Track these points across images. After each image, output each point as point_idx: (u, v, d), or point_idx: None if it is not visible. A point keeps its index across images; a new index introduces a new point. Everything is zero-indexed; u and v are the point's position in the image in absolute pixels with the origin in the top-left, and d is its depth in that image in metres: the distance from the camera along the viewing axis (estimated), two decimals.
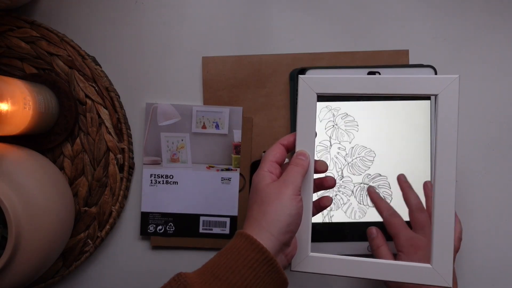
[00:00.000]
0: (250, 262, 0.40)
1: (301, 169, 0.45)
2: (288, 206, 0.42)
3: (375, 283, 0.62)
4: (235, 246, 0.41)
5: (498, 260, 0.62)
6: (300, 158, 0.45)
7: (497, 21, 0.62)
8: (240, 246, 0.41)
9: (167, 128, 0.62)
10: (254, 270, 0.40)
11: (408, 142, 0.58)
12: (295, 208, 0.42)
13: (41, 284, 0.61)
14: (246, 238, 0.41)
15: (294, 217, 0.42)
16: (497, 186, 0.62)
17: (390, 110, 0.58)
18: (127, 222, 0.63)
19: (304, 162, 0.45)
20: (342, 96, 0.52)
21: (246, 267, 0.40)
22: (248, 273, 0.40)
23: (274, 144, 0.47)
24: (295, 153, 0.47)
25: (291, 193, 0.43)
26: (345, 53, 0.62)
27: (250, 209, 0.44)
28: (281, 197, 0.42)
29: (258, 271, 0.40)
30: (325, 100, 0.55)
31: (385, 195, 0.57)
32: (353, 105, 0.58)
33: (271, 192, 0.43)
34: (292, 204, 0.42)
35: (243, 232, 0.42)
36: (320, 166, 0.48)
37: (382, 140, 0.58)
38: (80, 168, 0.62)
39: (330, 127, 0.55)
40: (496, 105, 0.62)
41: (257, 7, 0.63)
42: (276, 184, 0.44)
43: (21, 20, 0.61)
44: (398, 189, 0.57)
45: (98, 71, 0.61)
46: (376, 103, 0.57)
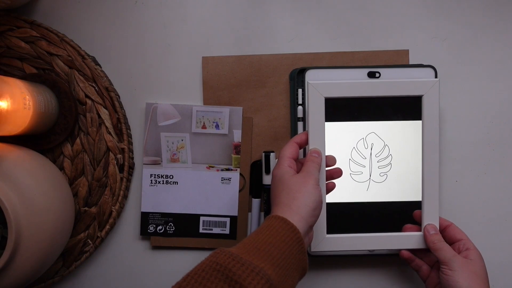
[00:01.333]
0: (286, 239, 0.44)
1: (316, 164, 0.52)
2: (313, 193, 0.48)
3: (378, 284, 0.62)
4: (271, 225, 0.45)
5: (498, 260, 0.62)
6: (314, 156, 0.53)
7: (497, 21, 0.62)
8: (276, 225, 0.45)
9: (167, 128, 0.62)
10: (290, 247, 0.44)
11: (413, 146, 0.59)
12: (318, 196, 0.49)
13: (41, 284, 0.61)
14: (281, 219, 0.46)
15: (318, 203, 0.49)
16: (497, 186, 0.62)
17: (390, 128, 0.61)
18: (127, 222, 0.63)
19: (318, 159, 0.52)
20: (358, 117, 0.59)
21: (283, 242, 0.44)
22: (285, 248, 0.44)
23: (289, 143, 0.53)
24: (310, 151, 0.54)
25: (313, 183, 0.49)
26: (345, 53, 0.62)
27: (278, 196, 0.49)
28: (307, 186, 0.49)
29: (292, 247, 0.44)
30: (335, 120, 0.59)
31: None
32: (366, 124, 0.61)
33: (298, 182, 0.49)
34: (315, 192, 0.49)
35: (276, 215, 0.46)
36: (331, 160, 0.56)
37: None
38: (80, 168, 0.62)
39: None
40: (496, 105, 0.62)
41: (257, 7, 0.63)
42: (301, 175, 0.50)
43: (21, 20, 0.61)
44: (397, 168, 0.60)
45: (98, 71, 0.61)
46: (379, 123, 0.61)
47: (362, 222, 0.60)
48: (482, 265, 0.53)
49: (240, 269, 0.40)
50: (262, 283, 0.39)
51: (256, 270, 0.40)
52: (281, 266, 0.43)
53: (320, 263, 0.63)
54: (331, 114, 0.58)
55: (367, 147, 0.60)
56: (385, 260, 0.62)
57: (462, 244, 0.55)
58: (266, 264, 0.41)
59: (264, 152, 0.61)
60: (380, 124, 0.59)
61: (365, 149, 0.60)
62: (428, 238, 0.56)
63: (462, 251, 0.55)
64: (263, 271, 0.40)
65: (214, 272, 0.40)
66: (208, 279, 0.40)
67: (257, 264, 0.41)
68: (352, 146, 0.59)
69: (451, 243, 0.56)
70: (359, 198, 0.60)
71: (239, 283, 0.39)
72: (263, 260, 0.42)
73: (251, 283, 0.39)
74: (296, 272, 0.45)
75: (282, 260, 0.43)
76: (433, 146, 0.56)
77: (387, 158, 0.59)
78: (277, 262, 0.42)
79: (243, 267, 0.40)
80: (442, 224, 0.57)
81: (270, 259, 0.42)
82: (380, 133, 0.59)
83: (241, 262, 0.40)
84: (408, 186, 0.59)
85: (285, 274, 0.43)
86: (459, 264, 0.52)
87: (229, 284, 0.39)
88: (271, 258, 0.42)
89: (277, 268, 0.42)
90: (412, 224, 0.58)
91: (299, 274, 0.46)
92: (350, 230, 0.58)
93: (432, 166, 0.56)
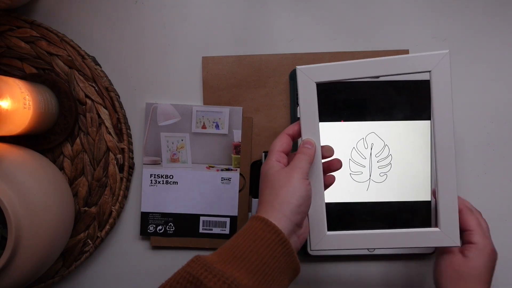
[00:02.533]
0: (267, 242, 0.42)
1: (307, 156, 0.47)
2: (298, 188, 0.45)
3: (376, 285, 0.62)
4: (251, 228, 0.43)
5: (498, 260, 0.61)
6: (306, 147, 0.48)
7: (497, 21, 0.62)
8: (256, 227, 0.43)
9: (167, 128, 0.62)
10: (271, 250, 0.41)
11: (414, 147, 0.59)
12: (304, 190, 0.45)
13: (41, 284, 0.61)
14: (262, 220, 0.43)
15: (304, 199, 0.45)
16: (497, 186, 0.62)
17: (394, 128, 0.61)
18: (127, 222, 0.63)
19: (310, 151, 0.48)
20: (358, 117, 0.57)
21: (263, 246, 0.41)
22: (266, 252, 0.41)
23: (280, 134, 0.49)
24: (302, 142, 0.49)
25: (299, 176, 0.45)
26: (345, 53, 0.62)
27: (262, 194, 0.46)
28: (291, 181, 0.45)
29: (274, 250, 0.42)
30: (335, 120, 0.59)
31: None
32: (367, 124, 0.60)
33: (282, 177, 0.45)
34: (301, 187, 0.45)
35: (258, 215, 0.44)
36: (327, 151, 0.50)
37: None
38: (80, 168, 0.62)
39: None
40: (496, 105, 0.62)
41: (257, 7, 0.63)
42: (286, 170, 0.46)
43: (21, 20, 0.61)
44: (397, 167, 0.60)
45: (98, 71, 0.61)
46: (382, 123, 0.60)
47: (362, 222, 0.60)
48: (480, 266, 0.50)
49: (211, 280, 0.38)
50: None
51: (228, 282, 0.38)
52: (260, 272, 0.41)
53: (319, 263, 0.63)
54: (331, 114, 0.58)
55: (367, 147, 0.59)
56: (385, 259, 0.62)
57: (467, 235, 0.51)
58: (242, 272, 0.40)
59: (264, 152, 0.61)
60: (380, 124, 0.59)
61: (365, 149, 0.59)
62: None
63: (465, 243, 0.51)
64: (236, 281, 0.39)
65: (187, 284, 0.39)
66: None
67: (230, 274, 0.39)
68: (352, 146, 0.59)
69: (461, 231, 0.51)
70: (359, 198, 0.59)
71: None
72: (239, 268, 0.40)
73: None
74: (284, 274, 0.42)
75: (262, 266, 0.41)
76: (447, 132, 0.47)
77: (387, 158, 0.59)
78: (256, 269, 0.40)
79: (215, 278, 0.39)
80: None
81: (247, 266, 0.40)
82: (380, 133, 0.59)
83: (214, 273, 0.39)
84: (409, 186, 0.59)
85: (267, 280, 0.41)
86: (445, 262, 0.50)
87: None
88: (249, 265, 0.40)
89: (256, 275, 0.40)
90: None
91: (289, 276, 0.43)
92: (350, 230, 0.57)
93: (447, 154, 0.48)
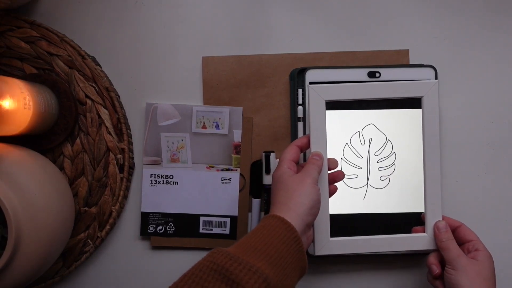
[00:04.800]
0: (283, 238, 0.44)
1: (316, 166, 0.51)
2: (310, 192, 0.48)
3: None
4: (268, 224, 0.45)
5: (498, 260, 0.61)
6: (315, 158, 0.52)
7: (498, 21, 0.62)
8: (273, 224, 0.45)
9: (167, 128, 0.62)
10: (287, 246, 0.44)
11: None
12: (315, 194, 0.49)
13: (41, 284, 0.61)
14: (278, 218, 0.46)
15: (315, 202, 0.48)
16: (497, 186, 0.62)
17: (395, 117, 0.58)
18: (127, 222, 0.63)
19: (319, 162, 0.52)
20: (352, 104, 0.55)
21: (280, 241, 0.44)
22: (282, 247, 0.44)
23: (290, 146, 0.53)
24: (311, 154, 0.53)
25: (311, 182, 0.49)
26: (345, 53, 0.62)
27: (276, 195, 0.49)
28: (304, 185, 0.49)
29: (290, 246, 0.44)
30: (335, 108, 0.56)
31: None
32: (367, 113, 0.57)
33: (295, 181, 0.49)
34: (313, 191, 0.48)
35: (273, 214, 0.46)
36: (332, 163, 0.54)
37: None
38: (80, 168, 0.62)
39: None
40: (496, 105, 0.62)
41: (257, 7, 0.63)
42: (299, 175, 0.50)
43: (21, 20, 0.61)
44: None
45: (98, 71, 0.61)
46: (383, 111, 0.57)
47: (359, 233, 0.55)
48: (489, 267, 0.53)
49: (237, 268, 0.40)
50: (260, 282, 0.40)
51: (254, 269, 0.40)
52: (279, 265, 0.43)
53: (323, 262, 0.62)
54: None
55: (364, 143, 0.53)
56: (388, 260, 0.62)
57: (472, 245, 0.55)
58: (263, 263, 0.42)
59: (264, 152, 0.61)
60: (381, 113, 0.52)
61: (362, 146, 0.53)
62: (438, 236, 0.55)
63: (472, 251, 0.54)
64: (261, 270, 0.40)
65: (211, 272, 0.40)
66: (205, 279, 0.40)
67: (254, 263, 0.41)
68: (345, 142, 0.54)
69: (461, 243, 0.56)
70: (353, 209, 0.53)
71: (236, 283, 0.39)
72: (260, 260, 0.42)
73: (249, 282, 0.39)
74: (295, 271, 0.45)
75: (280, 259, 0.43)
76: (434, 147, 0.55)
77: (390, 158, 0.53)
78: (275, 262, 0.43)
79: (240, 266, 0.40)
80: (452, 224, 0.56)
81: (267, 258, 0.42)
82: (381, 124, 0.52)
83: (238, 261, 0.41)
84: (416, 193, 0.53)
85: (283, 273, 0.43)
86: (463, 264, 0.52)
87: (227, 284, 0.39)
88: (269, 258, 0.42)
89: (275, 267, 0.42)
90: (420, 226, 0.56)
91: (298, 274, 0.46)
92: None
93: (434, 167, 0.55)
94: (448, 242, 0.54)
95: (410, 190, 0.53)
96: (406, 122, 0.53)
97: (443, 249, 0.54)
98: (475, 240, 0.55)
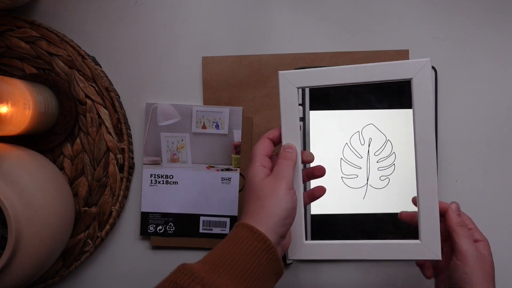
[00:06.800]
0: (253, 250, 0.41)
1: (290, 162, 0.46)
2: (284, 200, 0.44)
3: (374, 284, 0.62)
4: (237, 236, 0.42)
5: (497, 260, 0.61)
6: (288, 151, 0.47)
7: (498, 21, 0.62)
8: (242, 235, 0.42)
9: (167, 128, 0.62)
10: (257, 258, 0.41)
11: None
12: (290, 202, 0.44)
13: (41, 284, 0.61)
14: (248, 228, 0.42)
15: (290, 211, 0.44)
16: (496, 186, 0.62)
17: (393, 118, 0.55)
18: (127, 222, 0.63)
19: (292, 155, 0.47)
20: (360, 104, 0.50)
21: (250, 254, 0.41)
22: (252, 261, 0.41)
23: (261, 139, 0.49)
24: (282, 147, 0.48)
25: (285, 187, 0.44)
26: (345, 53, 0.62)
27: (247, 204, 0.45)
28: (277, 192, 0.44)
29: (261, 258, 0.41)
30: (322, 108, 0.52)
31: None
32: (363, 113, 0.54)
33: (266, 187, 0.44)
34: (287, 198, 0.44)
35: (244, 223, 0.43)
36: (307, 156, 0.49)
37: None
38: (80, 168, 0.62)
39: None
40: (496, 105, 0.62)
41: (257, 7, 0.63)
42: (271, 179, 0.45)
43: (21, 20, 0.61)
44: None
45: (98, 71, 0.61)
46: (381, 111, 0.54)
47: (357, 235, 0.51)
48: (491, 260, 0.49)
49: None
50: None
51: None
52: (249, 279, 0.41)
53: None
54: (317, 101, 0.50)
55: (363, 143, 0.51)
56: None
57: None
58: (231, 281, 0.40)
59: None
60: (381, 113, 0.50)
61: (361, 146, 0.51)
62: (454, 219, 0.48)
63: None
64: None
65: None
66: None
67: (219, 284, 0.39)
68: (345, 142, 0.51)
69: None
70: (353, 209, 0.51)
71: None
72: (228, 277, 0.40)
73: None
74: (269, 279, 0.42)
75: (250, 272, 0.41)
76: (427, 140, 0.46)
77: (390, 158, 0.52)
78: (244, 276, 0.40)
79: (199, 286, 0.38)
80: (442, 207, 0.49)
81: (236, 274, 0.40)
82: (381, 124, 0.50)
83: (202, 283, 0.38)
84: (415, 193, 0.49)
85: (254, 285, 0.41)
86: (474, 257, 0.47)
87: None
88: (237, 273, 0.40)
89: (244, 282, 0.40)
90: (409, 212, 0.50)
91: (274, 279, 0.43)
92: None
93: (428, 165, 0.46)
94: (462, 229, 0.48)
95: (410, 190, 0.51)
96: (406, 122, 0.51)
97: (457, 234, 0.48)
98: (472, 228, 0.50)
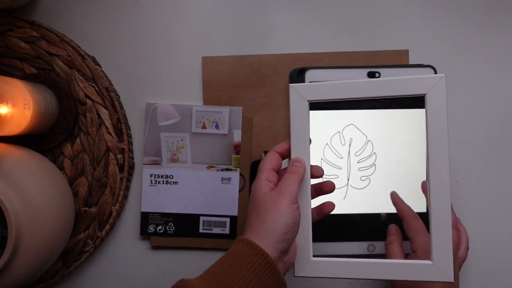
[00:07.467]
0: (253, 266, 0.41)
1: (296, 176, 0.45)
2: (284, 215, 0.43)
3: (374, 283, 0.62)
4: (237, 252, 0.42)
5: (497, 260, 0.62)
6: (296, 165, 0.46)
7: (497, 21, 0.62)
8: (242, 251, 0.42)
9: (167, 128, 0.62)
10: (257, 275, 0.41)
11: (407, 143, 0.57)
12: (291, 217, 0.43)
13: (41, 284, 0.61)
14: (248, 244, 0.42)
15: (291, 226, 0.43)
16: (496, 186, 0.62)
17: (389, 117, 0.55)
18: (127, 222, 0.63)
19: (299, 169, 0.46)
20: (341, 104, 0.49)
21: (249, 271, 0.41)
22: (252, 277, 0.41)
23: (269, 152, 0.48)
24: (291, 160, 0.47)
25: (287, 202, 0.43)
26: (345, 53, 0.62)
27: (249, 218, 0.45)
28: (278, 207, 0.43)
29: (261, 275, 0.41)
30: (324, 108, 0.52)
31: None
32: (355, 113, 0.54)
33: (268, 201, 0.44)
34: (288, 213, 0.43)
35: (244, 238, 0.43)
36: (316, 171, 0.48)
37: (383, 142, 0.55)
38: (80, 168, 0.62)
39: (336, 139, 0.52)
40: (496, 105, 0.62)
41: (257, 7, 0.63)
42: (273, 194, 0.44)
43: (21, 20, 0.61)
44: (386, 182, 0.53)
45: (98, 71, 0.61)
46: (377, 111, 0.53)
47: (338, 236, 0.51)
48: None
49: None
50: None
51: None
52: None
53: None
54: None
55: (344, 143, 0.51)
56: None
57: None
58: None
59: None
60: (362, 113, 0.49)
61: (342, 146, 0.51)
62: None
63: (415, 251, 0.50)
64: None
65: None
66: None
67: None
68: (325, 142, 0.51)
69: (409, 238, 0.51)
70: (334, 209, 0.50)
71: None
72: None
73: None
74: None
75: None
76: (440, 159, 0.46)
77: (370, 158, 0.51)
78: None
79: None
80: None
81: None
82: (362, 125, 0.50)
83: None
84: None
85: None
86: None
87: None
88: None
89: None
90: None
91: None
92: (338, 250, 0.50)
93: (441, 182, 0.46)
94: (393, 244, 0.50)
95: (390, 190, 0.50)
96: (386, 123, 0.50)
97: None
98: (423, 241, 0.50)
